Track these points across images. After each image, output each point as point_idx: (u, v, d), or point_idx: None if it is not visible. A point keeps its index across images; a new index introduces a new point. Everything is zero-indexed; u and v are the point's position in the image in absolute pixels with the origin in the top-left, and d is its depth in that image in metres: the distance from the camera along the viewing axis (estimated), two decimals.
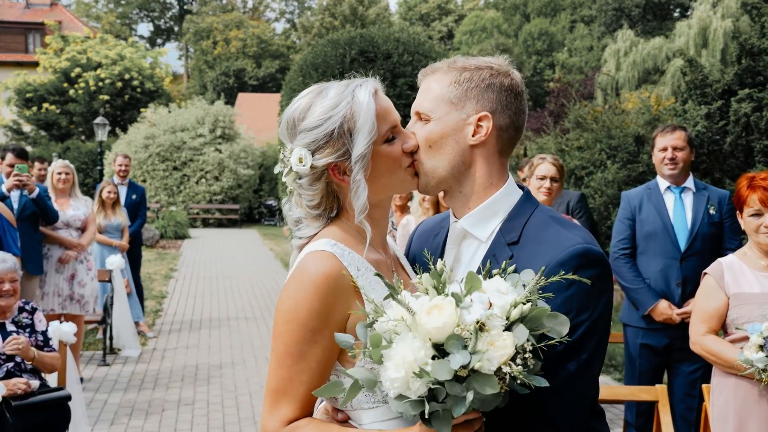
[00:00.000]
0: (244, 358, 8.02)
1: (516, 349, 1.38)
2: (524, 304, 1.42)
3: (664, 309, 4.41)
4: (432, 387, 1.38)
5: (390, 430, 1.57)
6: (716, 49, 26.71)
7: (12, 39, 40.30)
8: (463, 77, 1.69)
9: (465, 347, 1.38)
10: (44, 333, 4.58)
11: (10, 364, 4.38)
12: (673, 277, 4.47)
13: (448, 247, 1.79)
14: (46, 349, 4.53)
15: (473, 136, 1.68)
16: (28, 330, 4.55)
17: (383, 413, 1.59)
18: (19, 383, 4.22)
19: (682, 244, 4.44)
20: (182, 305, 11.31)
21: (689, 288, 4.40)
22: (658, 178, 4.66)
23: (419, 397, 1.39)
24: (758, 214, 3.15)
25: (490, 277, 1.51)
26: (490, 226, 1.69)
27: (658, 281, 4.50)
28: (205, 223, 27.34)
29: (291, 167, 1.70)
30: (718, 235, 4.47)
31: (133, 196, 9.11)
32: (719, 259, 3.32)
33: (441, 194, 5.34)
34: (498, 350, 1.36)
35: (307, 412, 1.63)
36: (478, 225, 1.70)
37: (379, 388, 1.48)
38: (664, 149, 4.55)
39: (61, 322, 4.81)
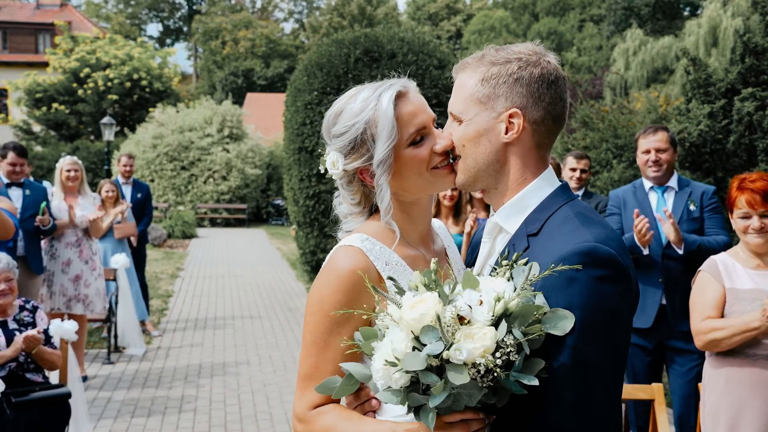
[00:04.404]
0: (248, 357, 8.05)
1: (498, 344, 1.39)
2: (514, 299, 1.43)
3: (636, 223, 4.26)
4: (413, 378, 1.41)
5: (401, 422, 1.58)
6: (726, 47, 26.54)
7: (22, 39, 40.56)
8: (490, 73, 1.64)
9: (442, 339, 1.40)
10: (46, 331, 4.61)
11: (13, 364, 4.41)
12: (656, 274, 4.45)
13: (483, 241, 1.79)
14: (47, 346, 4.56)
15: (506, 134, 1.64)
16: (30, 328, 4.59)
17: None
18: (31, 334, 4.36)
19: (664, 240, 4.42)
20: (188, 304, 11.35)
21: (671, 284, 4.40)
22: (643, 178, 4.66)
23: (401, 388, 1.42)
24: (746, 217, 3.17)
25: (500, 266, 1.52)
26: (519, 219, 1.66)
27: (642, 278, 4.49)
28: (213, 223, 27.42)
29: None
30: (699, 230, 4.45)
31: (138, 195, 9.17)
32: (712, 257, 3.33)
33: (442, 194, 5.32)
34: (474, 342, 1.38)
35: (333, 398, 1.68)
36: (509, 219, 1.68)
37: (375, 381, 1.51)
38: (647, 151, 4.52)
39: (63, 320, 4.84)
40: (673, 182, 4.57)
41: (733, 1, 27.62)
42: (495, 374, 1.38)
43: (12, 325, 4.54)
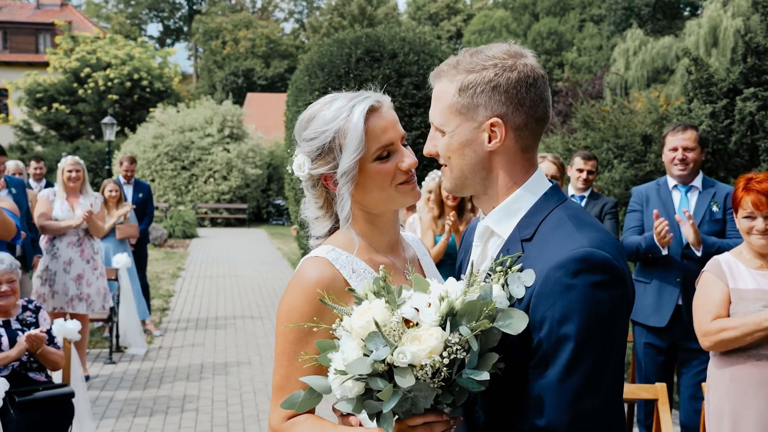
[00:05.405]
0: (250, 356, 8.05)
1: (446, 343, 1.39)
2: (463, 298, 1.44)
3: (656, 225, 4.27)
4: (367, 386, 1.42)
5: (372, 428, 1.57)
6: (726, 48, 26.51)
7: (22, 39, 40.55)
8: (467, 82, 1.61)
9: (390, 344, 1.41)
10: (49, 331, 4.62)
11: (16, 364, 4.42)
12: (674, 273, 4.44)
13: (474, 244, 1.77)
14: (50, 347, 4.56)
15: (489, 143, 1.62)
16: (32, 328, 4.59)
17: None
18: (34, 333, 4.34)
19: (684, 239, 4.39)
20: (189, 304, 11.36)
21: (689, 285, 4.38)
22: (667, 176, 4.62)
23: (356, 396, 1.43)
24: (751, 217, 3.17)
25: (495, 272, 1.51)
26: (511, 223, 1.64)
27: (660, 276, 4.48)
28: (214, 223, 27.43)
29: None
30: (721, 232, 4.42)
31: (140, 195, 9.17)
32: (715, 257, 3.33)
33: (445, 194, 5.34)
34: (421, 344, 1.38)
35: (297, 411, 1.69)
36: (500, 223, 1.66)
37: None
38: (675, 149, 4.49)
39: (65, 320, 4.85)
40: (697, 182, 4.53)
41: (734, 1, 27.60)
42: (443, 374, 1.39)
43: (15, 325, 4.54)
